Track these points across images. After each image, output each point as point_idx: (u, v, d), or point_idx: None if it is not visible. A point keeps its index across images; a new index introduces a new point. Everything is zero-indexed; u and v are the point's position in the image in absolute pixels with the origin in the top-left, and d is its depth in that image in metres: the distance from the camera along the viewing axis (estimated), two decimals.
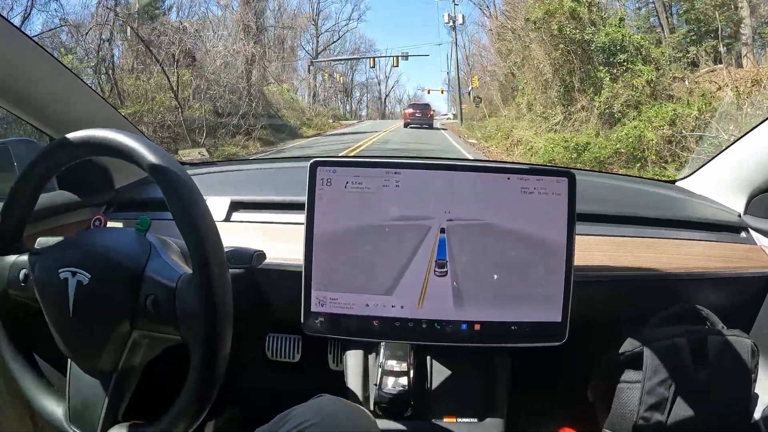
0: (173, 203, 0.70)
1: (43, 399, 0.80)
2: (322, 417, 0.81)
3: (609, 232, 1.23)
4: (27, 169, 0.79)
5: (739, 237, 1.30)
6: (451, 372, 1.14)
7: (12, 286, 0.81)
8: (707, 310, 1.18)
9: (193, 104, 13.03)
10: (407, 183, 0.97)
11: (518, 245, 0.97)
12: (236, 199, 1.28)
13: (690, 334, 1.12)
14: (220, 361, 0.70)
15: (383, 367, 1.06)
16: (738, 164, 1.34)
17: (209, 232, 0.70)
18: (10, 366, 0.82)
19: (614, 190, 1.52)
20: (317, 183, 0.97)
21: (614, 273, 1.14)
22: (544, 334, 0.99)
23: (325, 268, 0.98)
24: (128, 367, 0.75)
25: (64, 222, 1.22)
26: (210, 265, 0.68)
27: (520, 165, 1.03)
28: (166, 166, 0.70)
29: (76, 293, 0.72)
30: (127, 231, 0.80)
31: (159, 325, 0.72)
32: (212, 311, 0.68)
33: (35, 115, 1.14)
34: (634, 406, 1.11)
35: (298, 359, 1.34)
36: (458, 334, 0.99)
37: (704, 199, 1.43)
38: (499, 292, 0.98)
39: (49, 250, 0.78)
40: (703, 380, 1.09)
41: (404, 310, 0.98)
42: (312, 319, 0.99)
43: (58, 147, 0.77)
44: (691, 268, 1.18)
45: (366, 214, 0.97)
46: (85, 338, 0.74)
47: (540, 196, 0.97)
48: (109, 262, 0.73)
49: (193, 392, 0.70)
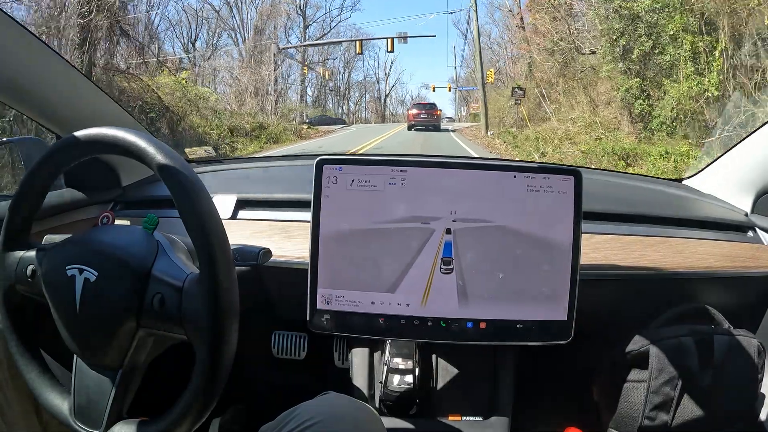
0: (180, 201, 0.70)
1: (48, 394, 0.81)
2: (328, 414, 0.81)
3: (615, 231, 1.22)
4: (35, 166, 0.80)
5: (746, 236, 1.30)
6: (456, 370, 1.14)
7: (19, 282, 0.81)
8: (713, 310, 1.17)
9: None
10: (413, 181, 0.97)
11: (524, 243, 0.97)
12: (242, 196, 1.28)
13: (696, 333, 1.11)
14: (226, 360, 0.70)
15: (389, 365, 1.06)
16: (745, 163, 1.34)
17: (216, 230, 0.70)
18: (16, 360, 0.82)
19: (621, 188, 1.51)
20: (323, 181, 0.97)
21: (620, 272, 1.14)
22: (550, 333, 0.99)
23: (331, 266, 0.98)
24: (133, 364, 0.75)
25: (71, 220, 1.23)
26: (216, 263, 0.69)
27: (526, 163, 1.03)
28: (173, 165, 0.71)
29: (83, 290, 0.72)
30: (134, 229, 0.80)
31: (165, 324, 0.72)
32: (218, 311, 0.69)
33: (42, 114, 1.14)
34: (639, 405, 1.11)
35: (304, 357, 1.34)
36: (464, 332, 0.99)
37: (711, 198, 1.42)
38: (504, 290, 0.98)
39: (57, 246, 0.79)
40: (709, 380, 1.08)
41: (410, 308, 0.98)
42: (318, 316, 0.99)
43: (66, 145, 0.78)
44: (697, 267, 1.17)
45: (372, 211, 0.97)
46: (91, 335, 0.74)
47: (546, 194, 0.97)
48: (116, 260, 0.73)
49: (198, 390, 0.70)
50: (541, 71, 14.56)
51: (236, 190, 1.31)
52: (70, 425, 0.77)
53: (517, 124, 14.97)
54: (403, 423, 1.06)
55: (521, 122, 14.55)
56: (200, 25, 19.27)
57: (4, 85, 1.03)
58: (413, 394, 1.05)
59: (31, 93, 1.08)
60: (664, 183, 1.60)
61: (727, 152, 1.39)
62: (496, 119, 17.38)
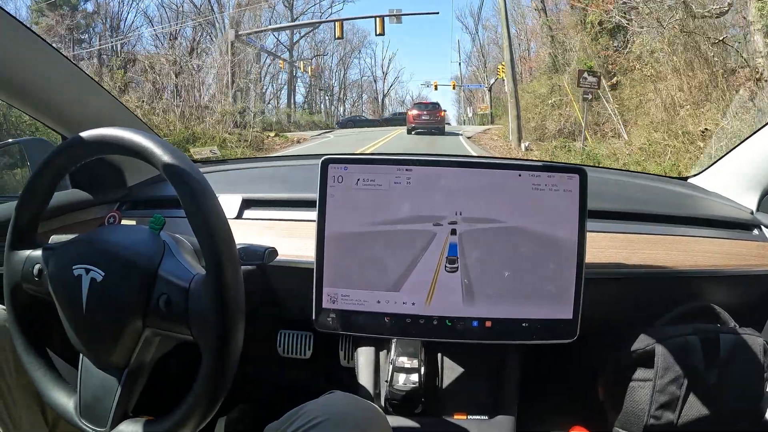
0: (186, 201, 0.70)
1: (54, 392, 0.81)
2: (334, 413, 0.81)
3: (621, 229, 1.22)
4: (42, 165, 0.80)
5: (752, 234, 1.29)
6: (462, 369, 1.14)
7: (26, 280, 0.82)
8: (719, 308, 1.17)
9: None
10: (419, 180, 0.97)
11: (529, 242, 0.97)
12: (248, 196, 1.28)
13: (702, 332, 1.11)
14: (232, 360, 0.70)
15: (394, 364, 1.06)
16: (750, 161, 1.33)
17: (222, 229, 0.70)
18: (22, 358, 0.83)
19: (626, 187, 1.51)
20: (329, 180, 0.97)
21: (626, 270, 1.14)
22: (555, 332, 0.99)
23: (337, 265, 0.98)
24: (139, 363, 0.76)
25: (77, 220, 1.24)
26: (223, 263, 0.69)
27: (531, 162, 1.03)
28: (179, 165, 0.71)
29: (90, 290, 0.73)
30: (141, 229, 0.80)
31: (171, 324, 0.72)
32: (225, 312, 0.69)
33: (48, 115, 1.15)
34: (645, 404, 1.11)
35: (310, 356, 1.35)
36: (469, 330, 0.99)
37: (716, 196, 1.42)
38: (510, 289, 0.98)
39: (64, 246, 0.79)
40: (714, 379, 1.08)
41: (415, 307, 0.98)
42: (323, 315, 1.00)
43: (72, 145, 0.78)
44: (702, 266, 1.17)
45: (377, 210, 0.97)
46: (97, 334, 0.74)
47: (551, 192, 0.97)
48: (123, 261, 0.73)
49: (204, 390, 0.70)
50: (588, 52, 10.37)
51: (242, 189, 1.31)
52: (75, 423, 0.78)
53: (567, 132, 10.37)
54: (409, 422, 1.06)
55: (573, 127, 9.99)
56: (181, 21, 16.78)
57: (9, 86, 1.03)
58: (419, 392, 1.05)
59: (37, 94, 1.09)
60: (669, 181, 1.59)
61: (733, 150, 1.38)
62: (529, 125, 12.10)
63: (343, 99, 24.53)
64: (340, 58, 23.92)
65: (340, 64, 24.13)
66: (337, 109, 23.98)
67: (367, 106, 25.70)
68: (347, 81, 24.56)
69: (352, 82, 24.88)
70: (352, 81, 24.85)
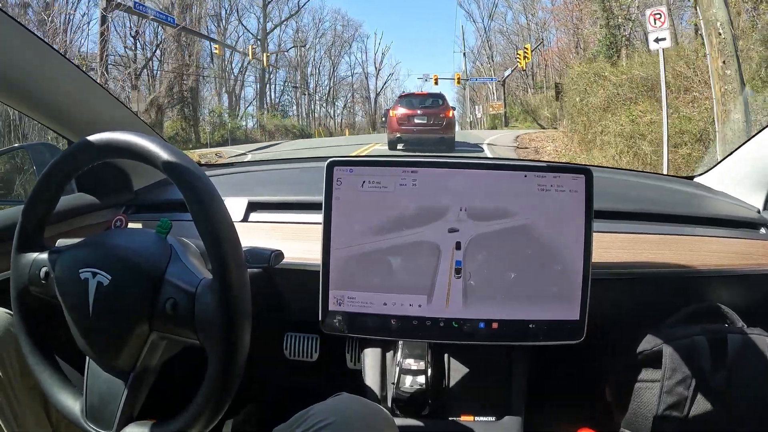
0: (192, 205, 0.70)
1: (60, 394, 0.81)
2: (340, 416, 0.82)
3: (627, 230, 1.21)
4: (49, 168, 0.80)
5: (759, 233, 1.28)
6: (468, 370, 1.14)
7: (33, 283, 0.82)
8: (727, 308, 1.16)
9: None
10: (424, 181, 0.97)
11: (536, 243, 0.97)
12: (254, 199, 1.29)
13: (709, 332, 1.10)
14: (238, 363, 0.70)
15: (401, 366, 1.06)
16: (757, 159, 1.33)
17: (228, 235, 0.70)
18: (29, 361, 0.83)
19: (632, 186, 1.50)
20: (334, 182, 0.97)
21: (632, 271, 1.13)
22: (562, 333, 0.99)
23: (343, 267, 0.98)
24: (145, 367, 0.76)
25: (84, 224, 1.24)
26: (229, 266, 0.69)
27: (536, 162, 1.03)
28: (185, 168, 0.71)
29: (96, 294, 0.73)
30: (148, 233, 0.80)
31: (177, 328, 0.73)
32: (231, 317, 0.69)
33: (54, 119, 1.15)
34: (652, 405, 1.10)
35: (316, 358, 1.35)
36: (476, 332, 0.99)
37: (723, 195, 1.41)
38: (516, 291, 0.97)
39: (70, 249, 0.79)
40: (722, 380, 1.07)
41: (422, 309, 0.98)
42: (330, 318, 1.00)
43: (79, 149, 0.78)
44: (709, 265, 1.16)
45: (383, 212, 0.97)
46: (104, 338, 0.75)
47: (557, 193, 0.97)
48: (129, 265, 0.74)
49: (210, 393, 0.70)
50: None
51: (247, 192, 1.31)
52: (81, 426, 0.78)
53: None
54: (416, 423, 1.06)
55: None
56: None
57: (15, 90, 1.04)
58: (426, 394, 1.05)
59: (43, 98, 1.09)
60: (675, 181, 1.59)
61: (739, 149, 1.38)
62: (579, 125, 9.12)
63: (332, 100, 21.47)
64: (329, 56, 20.88)
65: (327, 57, 20.95)
66: (319, 111, 20.89)
67: (359, 106, 23.20)
68: (335, 80, 21.57)
69: (340, 79, 21.97)
70: (340, 78, 21.93)
